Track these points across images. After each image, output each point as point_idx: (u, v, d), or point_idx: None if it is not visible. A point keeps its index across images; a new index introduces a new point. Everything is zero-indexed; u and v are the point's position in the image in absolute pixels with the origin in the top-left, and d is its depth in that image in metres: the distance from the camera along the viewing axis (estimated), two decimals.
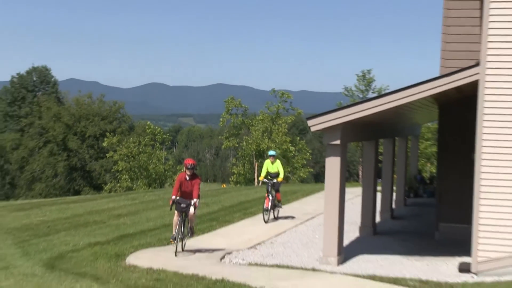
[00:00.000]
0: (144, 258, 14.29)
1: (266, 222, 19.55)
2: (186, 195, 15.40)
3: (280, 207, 20.86)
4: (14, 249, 16.57)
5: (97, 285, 12.05)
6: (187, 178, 15.50)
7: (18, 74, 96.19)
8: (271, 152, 21.40)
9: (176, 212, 15.62)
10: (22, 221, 22.09)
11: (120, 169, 56.26)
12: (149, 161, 56.71)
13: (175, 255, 14.87)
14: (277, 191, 20.19)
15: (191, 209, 15.17)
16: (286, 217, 21.08)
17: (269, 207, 19.81)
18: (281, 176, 20.24)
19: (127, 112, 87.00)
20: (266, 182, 20.36)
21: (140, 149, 56.79)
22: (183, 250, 15.39)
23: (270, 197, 19.80)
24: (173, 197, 15.34)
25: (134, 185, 55.16)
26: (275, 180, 20.14)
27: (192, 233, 16.07)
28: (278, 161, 20.93)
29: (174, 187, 15.75)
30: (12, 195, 77.78)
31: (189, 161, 15.95)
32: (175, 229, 15.52)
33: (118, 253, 14.96)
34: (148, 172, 56.37)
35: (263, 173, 20.67)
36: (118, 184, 57.73)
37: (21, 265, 14.39)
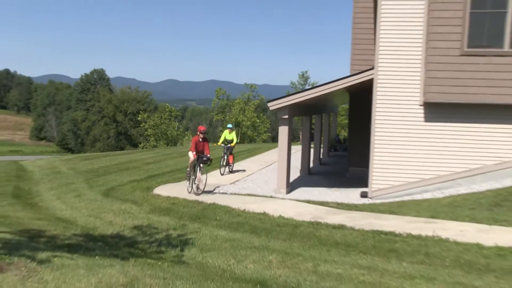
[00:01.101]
0: (165, 190, 14.51)
1: (222, 174, 18.06)
2: (198, 152, 14.43)
3: (233, 164, 19.29)
4: (84, 184, 16.85)
5: (135, 206, 12.35)
6: (200, 140, 14.53)
7: (85, 74, 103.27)
8: (229, 125, 19.70)
9: (190, 162, 14.57)
10: (88, 166, 22.28)
11: (149, 134, 58.06)
12: (167, 129, 57.69)
13: (188, 191, 14.23)
14: (231, 153, 18.84)
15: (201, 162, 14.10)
16: (253, 164, 21.24)
17: (224, 164, 18.61)
18: (234, 142, 18.88)
19: (153, 98, 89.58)
20: (223, 146, 18.90)
21: (162, 121, 57.85)
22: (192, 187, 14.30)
23: (226, 157, 18.60)
24: (194, 152, 14.35)
25: (158, 144, 56.02)
26: (229, 145, 18.70)
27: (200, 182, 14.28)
28: (234, 132, 19.32)
29: (191, 146, 14.60)
30: (82, 150, 79.58)
31: (202, 128, 15.12)
32: (189, 171, 14.61)
33: (148, 186, 15.19)
34: (167, 135, 57.52)
35: (221, 140, 19.17)
36: (148, 143, 58.56)
37: (88, 194, 14.71)
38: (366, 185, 13.77)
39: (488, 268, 6.65)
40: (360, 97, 16.63)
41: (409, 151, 13.05)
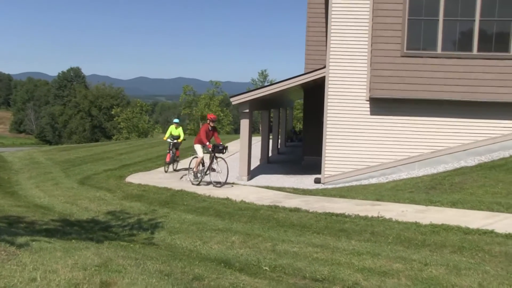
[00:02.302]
0: (136, 178, 14.30)
1: (166, 172, 15.82)
2: (204, 141, 13.13)
3: (178, 161, 16.83)
4: (61, 173, 16.45)
5: (109, 193, 12.13)
6: (210, 128, 13.20)
7: (62, 71, 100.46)
8: (176, 120, 17.41)
9: (201, 154, 13.24)
10: (65, 157, 21.74)
11: (122, 127, 57.33)
12: (139, 122, 57.04)
13: (191, 181, 13.19)
14: (177, 149, 16.49)
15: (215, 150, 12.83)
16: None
17: (170, 161, 16.16)
18: (181, 138, 16.55)
19: (126, 94, 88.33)
20: (169, 141, 16.47)
21: (133, 115, 57.18)
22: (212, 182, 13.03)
23: (171, 153, 16.16)
24: (208, 143, 12.97)
25: (130, 136, 55.32)
26: (176, 141, 16.38)
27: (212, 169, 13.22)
28: (180, 127, 16.90)
29: (202, 136, 13.06)
30: (59, 142, 77.99)
31: (213, 116, 13.54)
32: (204, 166, 13.29)
33: (121, 175, 14.95)
34: (138, 128, 56.87)
35: (167, 135, 16.72)
36: (121, 136, 57.77)
37: (65, 182, 14.36)
38: (319, 172, 13.85)
39: (424, 243, 6.80)
40: (314, 93, 16.71)
41: (357, 141, 13.21)
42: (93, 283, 4.11)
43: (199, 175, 13.32)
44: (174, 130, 16.63)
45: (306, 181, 13.97)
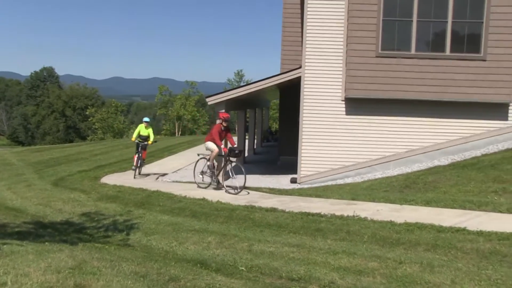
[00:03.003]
0: (112, 179, 14.18)
1: (134, 178, 14.45)
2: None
3: (144, 165, 15.58)
4: (34, 175, 16.21)
5: (84, 195, 11.98)
6: (222, 128, 12.11)
7: (34, 71, 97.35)
8: (146, 119, 15.92)
9: (216, 148, 12.08)
10: (38, 158, 21.49)
11: (97, 127, 56.62)
12: (114, 122, 56.51)
13: (197, 182, 12.30)
14: (144, 149, 15.10)
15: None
16: (194, 154, 21.09)
17: (138, 165, 14.84)
18: (151, 139, 15.22)
19: (100, 94, 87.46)
20: (138, 142, 15.11)
21: (108, 115, 56.62)
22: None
23: (139, 155, 14.81)
24: (222, 146, 11.94)
25: (105, 137, 54.73)
26: (146, 142, 15.08)
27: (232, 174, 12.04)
28: (150, 128, 15.54)
29: (215, 136, 11.91)
30: (32, 143, 76.59)
31: (226, 115, 12.27)
32: (219, 171, 12.29)
33: (96, 176, 14.80)
34: (114, 129, 56.28)
35: (135, 135, 15.35)
36: (95, 136, 57.11)
37: (38, 184, 14.15)
38: (295, 172, 13.86)
39: (399, 241, 6.88)
40: (290, 93, 16.76)
41: (332, 141, 13.29)
42: (67, 286, 4.05)
43: (209, 177, 12.25)
44: (143, 129, 15.36)
45: (282, 181, 14.00)
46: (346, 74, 12.98)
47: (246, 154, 19.59)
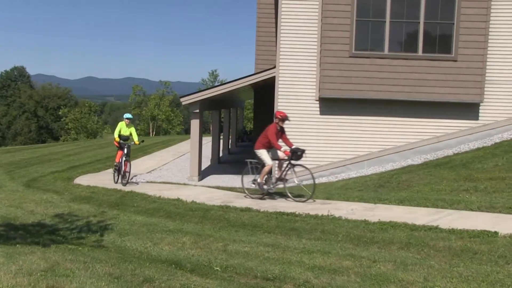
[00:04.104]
0: (85, 180, 13.99)
1: (116, 183, 13.13)
2: (271, 145, 10.31)
3: (129, 175, 13.18)
4: (4, 176, 15.88)
5: (57, 196, 11.80)
6: (278, 128, 10.36)
7: (5, 70, 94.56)
8: (127, 115, 13.87)
9: (270, 161, 10.35)
10: (9, 159, 21.05)
11: (70, 127, 55.95)
12: (87, 122, 55.97)
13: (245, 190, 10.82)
14: (128, 155, 13.13)
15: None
16: (168, 154, 20.98)
17: (123, 172, 12.94)
18: (136, 139, 13.44)
19: (73, 94, 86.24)
20: (121, 144, 13.21)
21: (82, 116, 56.06)
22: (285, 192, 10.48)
23: (122, 160, 13.01)
24: (282, 148, 10.19)
25: (78, 137, 54.13)
26: (132, 143, 13.37)
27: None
28: (133, 126, 13.78)
29: (273, 139, 10.11)
30: (3, 144, 75.05)
31: (284, 114, 10.37)
32: (277, 173, 10.57)
33: (69, 177, 14.59)
34: (87, 129, 55.71)
35: (116, 134, 13.35)
36: (69, 136, 56.49)
37: (9, 185, 13.87)
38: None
39: (373, 240, 6.96)
40: (264, 93, 16.82)
41: (307, 141, 13.35)
42: None
43: (265, 187, 10.64)
44: (125, 128, 13.59)
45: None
46: (320, 74, 13.07)
47: (220, 154, 19.58)
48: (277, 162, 10.63)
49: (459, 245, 6.42)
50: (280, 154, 10.36)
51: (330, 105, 13.33)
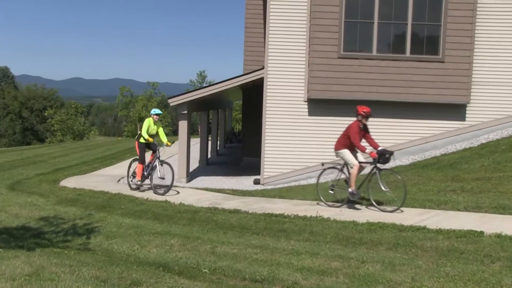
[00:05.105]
0: (71, 182, 13.87)
1: (138, 189, 12.04)
2: (354, 146, 9.08)
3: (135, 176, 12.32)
4: None
5: (42, 198, 11.67)
6: (361, 126, 9.11)
7: None
8: (156, 111, 11.91)
9: (357, 162, 9.04)
10: None
11: (56, 129, 55.43)
12: (74, 124, 55.58)
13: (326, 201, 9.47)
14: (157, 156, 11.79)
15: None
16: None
17: (147, 175, 11.86)
18: (166, 140, 11.77)
19: (59, 95, 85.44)
20: (153, 146, 11.74)
21: (68, 117, 55.66)
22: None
23: (157, 164, 11.66)
24: (367, 150, 8.80)
25: (64, 139, 53.76)
26: (164, 145, 11.74)
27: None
28: (160, 124, 12.15)
29: (355, 139, 8.91)
30: None
31: (368, 109, 9.05)
32: (354, 183, 9.08)
33: (55, 179, 14.45)
34: (73, 130, 55.30)
35: (145, 132, 11.70)
36: (54, 138, 55.99)
37: None
38: (258, 173, 13.94)
39: (361, 241, 6.99)
40: (252, 94, 16.84)
41: (296, 142, 13.41)
42: None
43: (355, 193, 9.15)
44: (152, 125, 11.89)
45: (245, 182, 14.03)
46: (308, 75, 13.11)
47: (209, 156, 19.57)
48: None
49: (446, 245, 6.48)
50: (348, 155, 9.15)
51: (319, 106, 13.37)
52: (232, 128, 33.40)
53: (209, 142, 20.24)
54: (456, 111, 13.36)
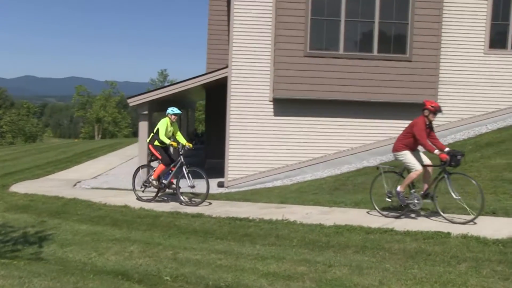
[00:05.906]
0: (22, 187, 13.53)
1: (154, 199, 11.13)
2: (417, 146, 8.26)
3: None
4: None
5: None
6: (427, 123, 8.10)
7: None
8: (174, 110, 10.91)
9: (420, 166, 8.11)
10: None
11: (5, 130, 53.88)
12: (26, 125, 54.31)
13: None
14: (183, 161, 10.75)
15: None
16: (115, 158, 20.62)
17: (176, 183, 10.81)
18: (185, 141, 11.05)
19: (9, 94, 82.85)
20: (179, 147, 10.77)
21: (19, 118, 54.34)
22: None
23: (184, 170, 10.62)
24: (436, 151, 7.83)
25: (15, 141, 52.49)
26: (187, 147, 10.81)
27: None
28: (176, 125, 11.32)
29: (422, 137, 7.96)
30: None
31: (437, 104, 8.07)
32: (427, 188, 8.20)
33: (4, 184, 14.06)
34: (25, 132, 54.05)
35: (163, 135, 10.72)
36: (4, 140, 54.50)
37: None
38: (222, 176, 13.91)
39: (328, 244, 7.06)
40: (216, 94, 16.79)
41: (261, 143, 13.45)
42: None
43: (408, 200, 8.33)
44: (169, 127, 11.05)
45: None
46: (274, 74, 13.17)
47: None
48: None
49: (414, 247, 6.62)
50: (410, 159, 8.25)
51: (285, 106, 13.45)
52: (195, 129, 33.25)
53: None
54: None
